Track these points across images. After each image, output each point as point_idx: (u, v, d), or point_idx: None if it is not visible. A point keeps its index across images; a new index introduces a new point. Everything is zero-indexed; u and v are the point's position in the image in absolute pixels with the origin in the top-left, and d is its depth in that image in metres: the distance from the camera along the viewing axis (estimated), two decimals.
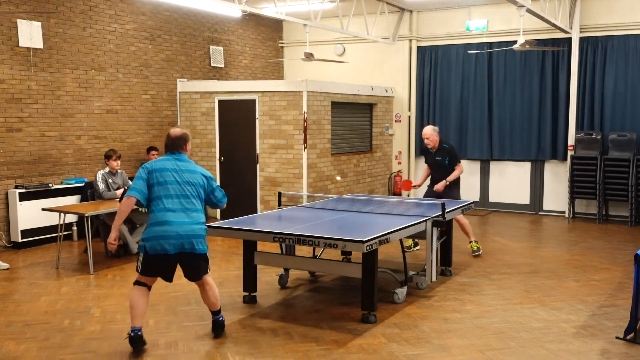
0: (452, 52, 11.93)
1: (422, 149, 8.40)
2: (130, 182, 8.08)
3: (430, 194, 8.07)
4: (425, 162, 8.37)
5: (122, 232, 7.88)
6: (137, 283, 4.84)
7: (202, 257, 4.87)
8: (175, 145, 5.01)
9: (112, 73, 9.73)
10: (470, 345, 4.87)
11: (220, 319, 5.12)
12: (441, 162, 7.96)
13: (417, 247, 8.33)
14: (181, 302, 6.02)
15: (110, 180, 8.11)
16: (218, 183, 10.55)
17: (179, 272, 5.81)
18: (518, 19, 9.01)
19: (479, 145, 11.79)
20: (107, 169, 8.18)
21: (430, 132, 8.00)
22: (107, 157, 8.19)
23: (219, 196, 5.20)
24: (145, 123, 10.33)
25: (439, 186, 7.90)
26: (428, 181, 8.35)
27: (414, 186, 8.43)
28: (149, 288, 4.87)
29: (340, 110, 10.93)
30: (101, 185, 7.99)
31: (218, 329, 5.08)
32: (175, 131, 5.06)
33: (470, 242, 8.09)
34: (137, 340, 4.69)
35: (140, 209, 8.08)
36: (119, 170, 8.29)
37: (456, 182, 8.06)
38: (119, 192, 7.97)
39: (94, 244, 7.68)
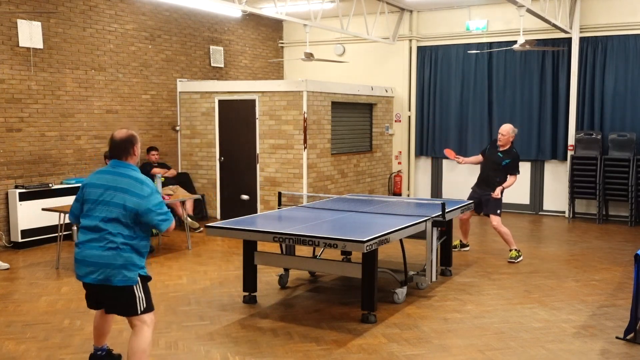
0: (452, 52, 11.93)
1: (488, 144, 8.39)
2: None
3: (477, 195, 7.94)
4: (483, 154, 8.19)
5: None
6: None
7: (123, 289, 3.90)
8: (118, 152, 4.08)
9: (112, 73, 9.73)
10: (470, 345, 4.87)
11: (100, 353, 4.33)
12: (500, 161, 7.80)
13: (467, 249, 8.21)
14: (181, 302, 6.02)
15: None
16: (218, 183, 10.64)
17: (179, 272, 5.84)
18: (518, 19, 9.01)
19: (479, 145, 11.73)
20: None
21: (508, 129, 7.91)
22: (106, 156, 8.21)
23: (154, 220, 3.99)
24: (145, 123, 10.33)
25: (496, 193, 7.74)
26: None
27: (457, 158, 8.32)
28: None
29: (340, 110, 10.93)
30: None
31: None
32: (119, 133, 4.12)
33: (511, 250, 7.81)
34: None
35: None
36: None
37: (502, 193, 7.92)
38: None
39: None
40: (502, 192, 7.84)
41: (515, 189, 11.61)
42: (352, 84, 11.34)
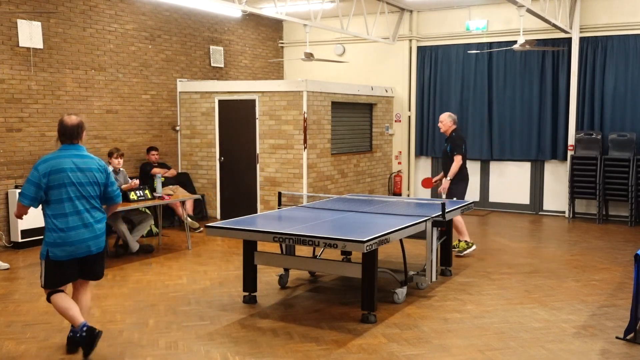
0: (452, 52, 11.93)
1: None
2: (130, 181, 8.12)
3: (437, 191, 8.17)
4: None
5: (122, 232, 7.89)
6: (53, 293, 4.55)
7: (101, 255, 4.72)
8: (69, 137, 4.53)
9: (112, 73, 9.73)
10: (470, 345, 4.87)
11: (83, 331, 4.50)
12: (446, 149, 8.06)
13: (473, 248, 8.07)
14: (181, 302, 6.02)
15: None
16: (218, 183, 10.64)
17: (179, 272, 5.82)
18: (518, 19, 9.01)
19: (479, 145, 11.79)
20: (110, 167, 8.20)
21: (444, 117, 8.13)
22: (110, 154, 8.22)
23: (114, 192, 4.70)
24: (145, 123, 10.33)
25: (443, 187, 7.95)
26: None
27: (435, 182, 8.38)
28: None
29: (340, 110, 10.93)
30: None
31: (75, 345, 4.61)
32: (72, 119, 4.56)
33: (460, 241, 7.91)
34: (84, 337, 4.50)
35: (140, 208, 8.13)
36: (120, 169, 8.30)
37: (462, 180, 8.03)
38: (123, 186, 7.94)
39: None
40: (452, 182, 7.92)
41: (516, 189, 11.67)
42: (352, 84, 11.34)
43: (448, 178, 7.92)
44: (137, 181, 8.03)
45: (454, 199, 7.78)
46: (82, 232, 4.48)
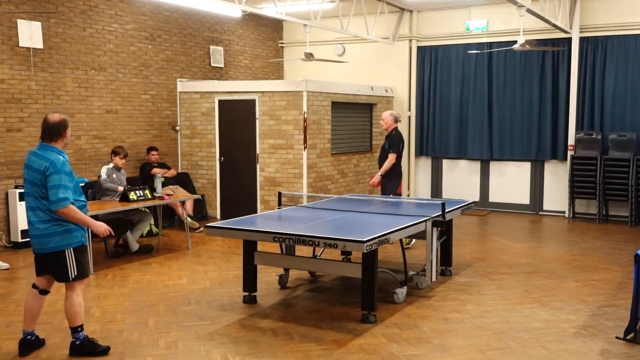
0: (452, 52, 11.93)
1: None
2: (124, 182, 8.16)
3: (382, 190, 8.37)
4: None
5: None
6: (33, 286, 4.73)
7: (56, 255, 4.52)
8: (48, 134, 4.50)
9: (112, 73, 9.73)
10: (470, 345, 4.87)
11: (77, 341, 4.63)
12: (384, 146, 8.29)
13: (412, 244, 8.31)
14: (181, 302, 6.02)
15: (114, 176, 8.13)
16: (218, 183, 10.63)
17: (179, 272, 5.81)
18: (518, 19, 9.01)
19: (479, 145, 11.79)
20: (111, 165, 8.21)
21: (386, 114, 8.39)
22: (115, 153, 8.22)
23: (51, 195, 4.37)
24: (145, 123, 10.33)
25: (373, 180, 8.28)
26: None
27: (375, 180, 8.50)
28: (38, 290, 4.70)
29: (340, 110, 10.93)
30: (103, 175, 8.01)
31: (71, 350, 4.66)
32: (54, 117, 4.55)
33: None
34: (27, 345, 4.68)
35: (140, 208, 8.13)
36: (121, 169, 8.31)
37: (395, 176, 8.28)
38: (120, 188, 7.96)
39: (94, 244, 7.68)
40: (386, 179, 8.19)
41: (516, 189, 11.67)
42: (352, 84, 11.34)
43: (380, 174, 8.22)
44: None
45: (390, 195, 8.10)
46: (29, 227, 4.53)
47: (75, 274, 4.55)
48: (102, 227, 4.64)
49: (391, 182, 8.25)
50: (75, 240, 4.54)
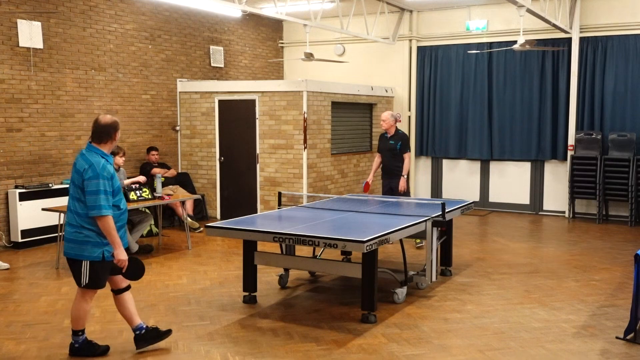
0: (452, 52, 11.93)
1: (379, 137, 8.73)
2: (126, 181, 8.14)
3: (388, 184, 8.34)
4: (378, 149, 8.56)
5: None
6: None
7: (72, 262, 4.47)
8: (97, 135, 4.42)
9: (112, 73, 9.73)
10: (470, 345, 4.87)
11: (76, 344, 4.60)
12: (394, 147, 8.24)
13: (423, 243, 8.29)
14: (181, 302, 6.02)
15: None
16: (218, 183, 10.63)
17: (179, 272, 5.77)
18: (518, 19, 9.01)
19: (479, 145, 11.79)
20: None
21: (387, 115, 8.35)
22: (113, 153, 8.19)
23: (88, 201, 4.27)
24: (145, 123, 10.33)
25: (402, 186, 8.19)
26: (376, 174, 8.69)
27: (368, 182, 8.58)
28: (114, 293, 4.80)
29: (340, 110, 10.92)
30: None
31: (71, 352, 4.64)
32: (105, 118, 4.46)
33: None
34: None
35: (140, 208, 8.13)
36: (121, 168, 8.29)
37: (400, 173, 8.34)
38: (127, 181, 7.93)
39: None
40: (396, 177, 8.28)
41: (516, 189, 11.67)
42: (352, 84, 11.34)
43: (404, 175, 8.23)
44: (143, 177, 8.12)
45: (410, 195, 8.16)
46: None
47: (87, 282, 4.49)
48: (124, 258, 4.43)
49: (399, 180, 8.26)
50: (94, 255, 4.41)
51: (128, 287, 4.74)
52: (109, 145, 4.47)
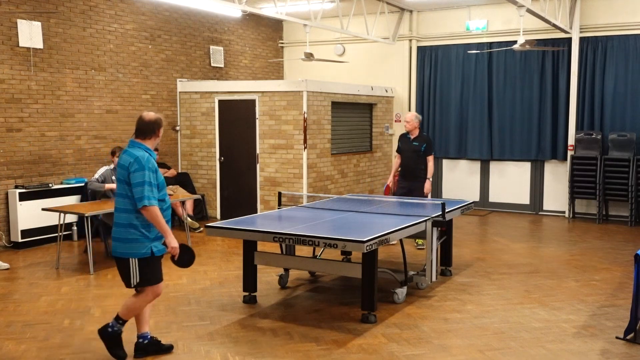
0: (452, 52, 11.93)
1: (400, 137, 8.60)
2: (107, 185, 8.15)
3: (406, 185, 8.18)
4: (399, 150, 8.41)
5: None
6: None
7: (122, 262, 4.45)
8: (142, 132, 4.48)
9: (112, 73, 9.74)
10: (470, 345, 4.87)
11: (110, 328, 4.55)
12: (419, 148, 8.12)
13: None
14: (181, 302, 6.02)
15: (113, 177, 8.10)
16: (218, 183, 10.63)
17: (179, 272, 5.74)
18: (518, 19, 9.00)
19: (479, 145, 11.79)
20: (112, 165, 8.20)
21: (411, 117, 8.23)
22: (113, 153, 8.21)
23: (135, 193, 4.29)
24: None
25: (428, 189, 8.09)
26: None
27: (390, 184, 8.53)
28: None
29: (340, 110, 10.93)
30: (96, 175, 8.01)
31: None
32: (149, 115, 4.51)
33: None
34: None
35: None
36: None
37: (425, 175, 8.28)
38: (108, 186, 7.92)
39: (94, 244, 7.68)
40: (419, 179, 8.18)
41: (516, 189, 11.67)
42: (352, 84, 11.34)
43: (429, 178, 8.16)
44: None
45: (429, 196, 8.13)
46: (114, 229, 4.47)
47: (137, 281, 4.45)
48: (175, 244, 4.47)
49: (422, 183, 8.17)
50: (142, 252, 4.39)
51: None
52: (153, 141, 4.50)
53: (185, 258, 4.62)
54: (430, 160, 8.19)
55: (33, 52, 8.58)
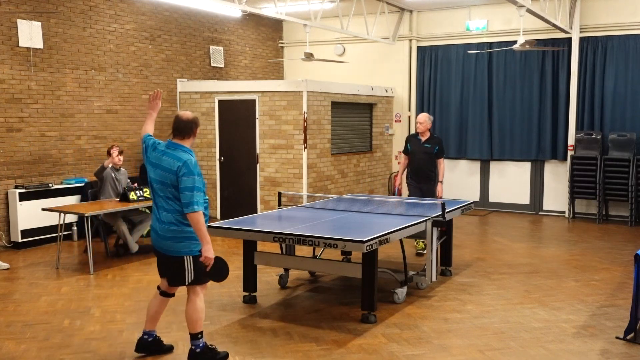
0: (452, 52, 11.93)
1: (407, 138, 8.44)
2: (127, 182, 8.13)
3: (418, 186, 8.03)
4: (409, 151, 8.11)
5: (122, 232, 7.90)
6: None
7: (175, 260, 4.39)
8: (179, 132, 4.52)
9: (112, 73, 9.74)
10: (470, 345, 4.87)
11: (197, 349, 4.44)
12: (431, 150, 7.96)
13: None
14: (181, 302, 5.99)
15: (113, 175, 8.10)
16: (218, 183, 10.63)
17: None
18: (518, 19, 9.01)
19: (479, 145, 11.79)
20: (110, 166, 8.20)
21: (425, 117, 8.03)
22: (108, 152, 8.20)
23: (182, 197, 4.25)
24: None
25: (441, 191, 7.98)
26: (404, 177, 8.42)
27: (399, 185, 8.46)
28: (160, 291, 4.64)
29: (340, 110, 10.93)
30: (98, 169, 8.07)
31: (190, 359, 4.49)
32: (186, 114, 4.55)
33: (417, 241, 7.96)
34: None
35: (140, 208, 8.13)
36: (121, 169, 8.28)
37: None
38: (107, 161, 7.93)
39: (94, 244, 7.68)
40: (433, 181, 8.05)
41: (516, 189, 11.67)
42: (352, 84, 11.34)
43: (441, 181, 8.02)
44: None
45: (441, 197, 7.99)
46: (153, 222, 4.46)
47: (192, 278, 4.40)
48: (211, 255, 4.34)
49: (434, 185, 8.04)
50: (197, 249, 4.36)
51: (172, 295, 4.68)
52: (190, 140, 4.52)
53: (219, 271, 4.57)
54: (442, 162, 8.03)
55: (33, 52, 8.58)
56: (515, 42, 9.28)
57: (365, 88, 11.48)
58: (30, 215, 8.36)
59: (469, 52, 11.46)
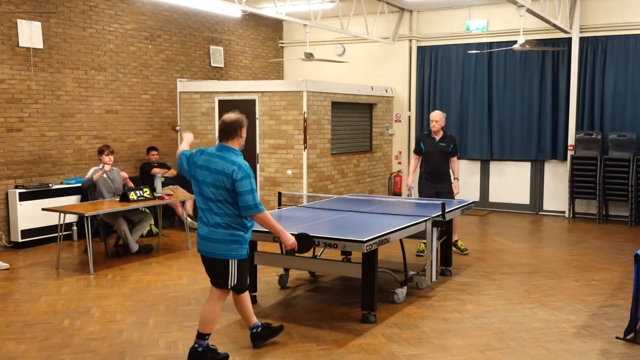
0: (452, 52, 11.93)
1: (418, 137, 8.29)
2: (121, 182, 8.11)
3: (433, 186, 7.90)
4: (424, 150, 7.98)
5: (122, 232, 7.90)
6: None
7: (218, 262, 4.48)
8: (225, 134, 4.46)
9: (112, 73, 9.73)
10: (470, 345, 4.87)
11: (199, 347, 4.49)
12: (446, 149, 7.88)
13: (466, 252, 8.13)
14: (181, 302, 6.02)
15: (105, 176, 8.08)
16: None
17: (179, 272, 5.74)
18: (518, 19, 9.01)
19: (479, 145, 11.79)
20: (101, 165, 8.17)
21: (440, 115, 7.91)
22: (100, 152, 8.18)
23: (243, 201, 4.33)
24: (145, 123, 10.33)
25: (457, 190, 7.95)
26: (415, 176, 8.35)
27: (412, 183, 8.38)
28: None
29: (340, 110, 10.93)
30: (87, 176, 8.05)
31: (190, 356, 4.50)
32: (230, 116, 4.49)
33: (456, 241, 7.97)
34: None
35: (140, 208, 8.13)
36: (113, 168, 8.25)
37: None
38: (97, 175, 7.93)
39: (94, 244, 7.68)
40: (448, 179, 8.00)
41: (516, 189, 11.67)
42: (352, 84, 11.34)
43: (457, 178, 7.99)
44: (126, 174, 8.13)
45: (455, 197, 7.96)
46: (200, 227, 4.58)
47: (234, 283, 4.48)
48: (291, 240, 4.58)
49: (449, 183, 7.98)
50: (242, 253, 4.45)
51: (246, 288, 4.72)
52: (238, 141, 4.49)
53: (305, 244, 4.79)
54: (456, 161, 8.01)
55: (33, 52, 8.58)
56: (515, 42, 9.28)
57: (365, 88, 11.48)
58: (30, 215, 8.36)
59: (469, 52, 11.46)
